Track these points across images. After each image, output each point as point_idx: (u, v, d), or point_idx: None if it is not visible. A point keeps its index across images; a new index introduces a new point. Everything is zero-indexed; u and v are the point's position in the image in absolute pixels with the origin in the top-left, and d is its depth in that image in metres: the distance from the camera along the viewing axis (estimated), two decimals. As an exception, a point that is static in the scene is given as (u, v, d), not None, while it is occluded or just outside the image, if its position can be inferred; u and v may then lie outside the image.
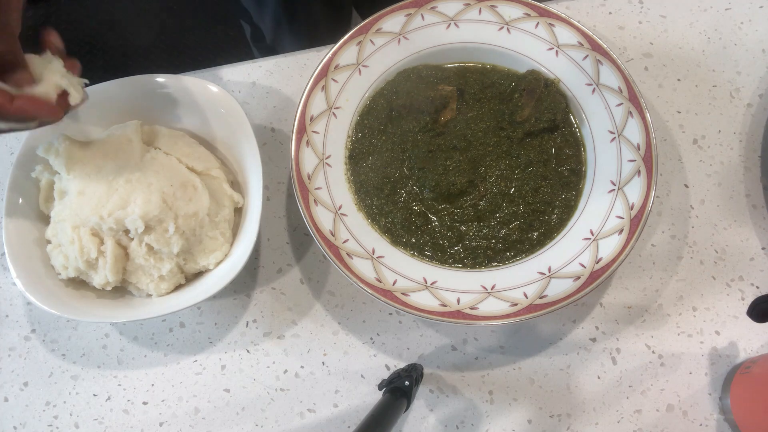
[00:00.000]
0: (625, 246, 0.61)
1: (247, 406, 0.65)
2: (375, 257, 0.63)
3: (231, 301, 0.68)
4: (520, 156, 0.67)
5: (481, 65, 0.72)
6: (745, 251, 0.69)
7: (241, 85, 0.76)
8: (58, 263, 0.61)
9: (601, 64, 0.67)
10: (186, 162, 0.64)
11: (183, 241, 0.60)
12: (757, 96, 0.75)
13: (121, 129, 0.63)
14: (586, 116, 0.68)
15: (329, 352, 0.66)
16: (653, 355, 0.66)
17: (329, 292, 0.68)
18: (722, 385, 0.65)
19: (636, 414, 0.64)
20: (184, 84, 0.66)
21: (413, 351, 0.66)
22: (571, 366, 0.65)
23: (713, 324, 0.67)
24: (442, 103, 0.68)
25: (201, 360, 0.66)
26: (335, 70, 0.68)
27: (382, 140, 0.68)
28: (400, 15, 0.69)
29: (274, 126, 0.75)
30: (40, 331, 0.68)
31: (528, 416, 0.64)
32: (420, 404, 0.64)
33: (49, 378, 0.66)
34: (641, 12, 0.79)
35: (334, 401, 0.65)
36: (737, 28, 0.78)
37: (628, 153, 0.65)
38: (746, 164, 0.72)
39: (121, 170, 0.60)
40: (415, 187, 0.67)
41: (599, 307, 0.67)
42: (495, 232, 0.65)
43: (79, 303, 0.61)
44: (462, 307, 0.60)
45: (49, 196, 0.63)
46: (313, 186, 0.64)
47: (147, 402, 0.65)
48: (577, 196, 0.66)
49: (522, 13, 0.69)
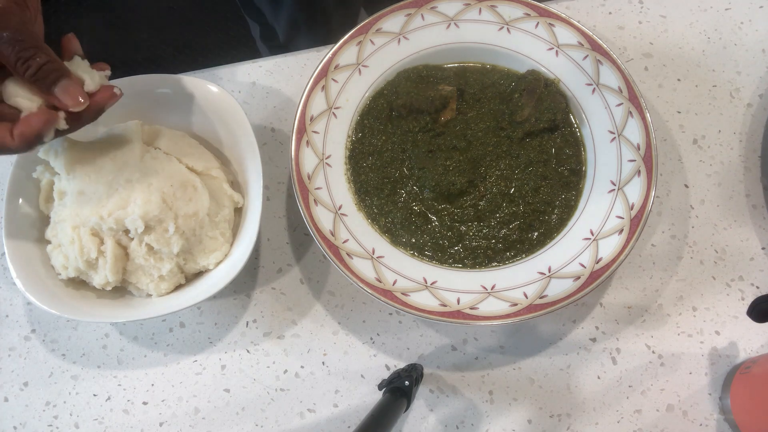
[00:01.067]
0: (625, 246, 0.61)
1: (247, 406, 0.65)
2: (375, 257, 0.63)
3: (231, 301, 0.68)
4: (520, 156, 0.67)
5: (481, 65, 0.72)
6: (745, 251, 0.69)
7: (241, 85, 0.76)
8: (58, 263, 0.61)
9: (601, 64, 0.67)
10: (186, 162, 0.64)
11: (183, 241, 0.60)
12: (757, 96, 0.75)
13: (122, 129, 0.63)
14: (586, 116, 0.68)
15: (329, 352, 0.66)
16: (653, 355, 0.66)
17: (329, 292, 0.68)
18: (722, 385, 0.65)
19: (636, 414, 0.64)
20: (184, 84, 0.66)
21: (413, 351, 0.66)
22: (571, 366, 0.65)
23: (713, 324, 0.67)
24: (442, 103, 0.68)
25: (201, 360, 0.66)
26: (335, 70, 0.68)
27: (382, 140, 0.68)
28: (400, 15, 0.69)
29: (274, 126, 0.75)
30: (40, 331, 0.68)
31: (528, 416, 0.64)
32: (420, 404, 0.64)
33: (49, 378, 0.66)
34: (641, 12, 0.79)
35: (334, 401, 0.65)
36: (737, 28, 0.78)
37: (628, 153, 0.65)
38: (746, 164, 0.72)
39: (121, 170, 0.60)
40: (415, 187, 0.67)
41: (599, 307, 0.67)
42: (495, 232, 0.65)
43: (79, 303, 0.61)
44: (462, 307, 0.60)
45: (50, 196, 0.63)
46: (313, 186, 0.64)
47: (147, 402, 0.65)
48: (577, 196, 0.66)
49: (522, 13, 0.69)
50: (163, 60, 1.80)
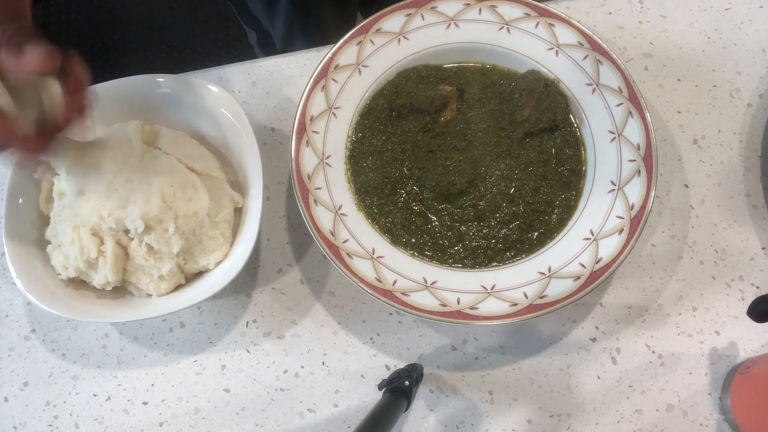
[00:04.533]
0: (625, 246, 0.61)
1: (247, 406, 0.65)
2: (375, 257, 0.63)
3: (231, 301, 0.68)
4: (520, 156, 0.67)
5: (481, 65, 0.72)
6: (745, 251, 0.69)
7: (241, 85, 0.76)
8: (58, 263, 0.61)
9: (601, 64, 0.67)
10: (186, 162, 0.64)
11: (183, 241, 0.60)
12: (757, 96, 0.75)
13: (122, 129, 0.63)
14: (586, 116, 0.68)
15: (329, 352, 0.66)
16: (653, 355, 0.66)
17: (329, 292, 0.68)
18: (722, 385, 0.65)
19: (636, 414, 0.64)
20: (184, 84, 0.66)
21: (413, 351, 0.66)
22: (571, 366, 0.65)
23: (713, 324, 0.67)
24: (442, 103, 0.68)
25: (201, 360, 0.66)
26: (335, 70, 0.68)
27: (382, 140, 0.68)
28: (400, 15, 0.69)
29: (274, 126, 0.75)
30: (40, 331, 0.68)
31: (528, 416, 0.64)
32: (420, 404, 0.64)
33: (49, 378, 0.66)
34: (641, 12, 0.79)
35: (334, 401, 0.65)
36: (737, 28, 0.78)
37: (628, 153, 0.65)
38: (746, 164, 0.72)
39: (121, 170, 0.60)
40: (415, 187, 0.67)
41: (599, 307, 0.67)
42: (495, 232, 0.65)
43: (79, 303, 0.61)
44: (462, 307, 0.60)
45: (50, 196, 0.63)
46: (313, 186, 0.64)
47: (147, 402, 0.65)
48: (577, 196, 0.66)
49: (522, 13, 0.69)
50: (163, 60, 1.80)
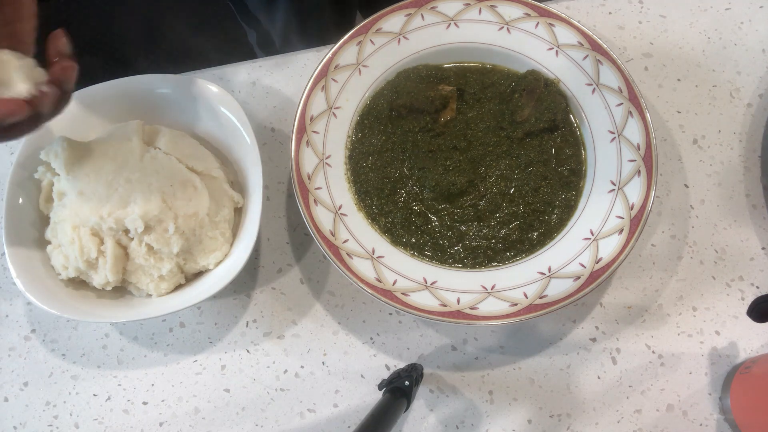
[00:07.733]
0: (625, 246, 0.61)
1: (247, 406, 0.65)
2: (375, 257, 0.63)
3: (231, 301, 0.68)
4: (520, 156, 0.67)
5: (481, 65, 0.72)
6: (745, 251, 0.69)
7: (241, 85, 0.76)
8: (58, 263, 0.61)
9: (601, 64, 0.67)
10: (186, 162, 0.64)
11: (183, 241, 0.60)
12: (757, 96, 0.75)
13: (122, 129, 0.63)
14: (586, 116, 0.68)
15: (329, 352, 0.66)
16: (653, 355, 0.66)
17: (329, 292, 0.68)
18: (722, 385, 0.65)
19: (636, 414, 0.64)
20: (184, 84, 0.66)
21: (413, 351, 0.66)
22: (571, 366, 0.65)
23: (713, 324, 0.67)
24: (442, 103, 0.68)
25: (201, 360, 0.66)
26: (335, 70, 0.68)
27: (382, 140, 0.68)
28: (400, 15, 0.69)
29: (274, 126, 0.75)
30: (40, 331, 0.68)
31: (528, 416, 0.64)
32: (420, 404, 0.64)
33: (49, 378, 0.66)
34: (641, 12, 0.79)
35: (334, 401, 0.65)
36: (737, 28, 0.78)
37: (628, 153, 0.65)
38: (746, 164, 0.72)
39: (121, 170, 0.60)
40: (415, 187, 0.67)
41: (599, 307, 0.67)
42: (495, 232, 0.65)
43: (79, 303, 0.61)
44: (462, 307, 0.60)
45: (50, 196, 0.63)
46: (313, 186, 0.64)
47: (147, 402, 0.65)
48: (577, 196, 0.66)
49: (522, 13, 0.69)
50: (163, 60, 1.80)
